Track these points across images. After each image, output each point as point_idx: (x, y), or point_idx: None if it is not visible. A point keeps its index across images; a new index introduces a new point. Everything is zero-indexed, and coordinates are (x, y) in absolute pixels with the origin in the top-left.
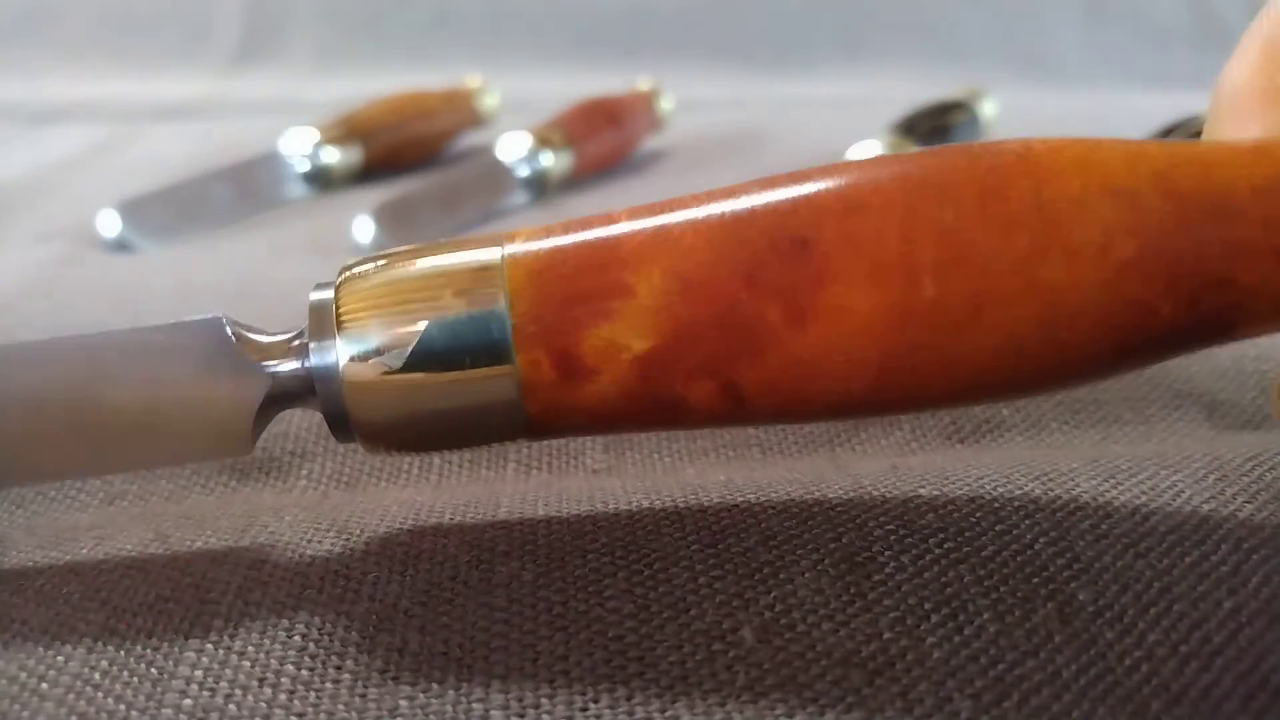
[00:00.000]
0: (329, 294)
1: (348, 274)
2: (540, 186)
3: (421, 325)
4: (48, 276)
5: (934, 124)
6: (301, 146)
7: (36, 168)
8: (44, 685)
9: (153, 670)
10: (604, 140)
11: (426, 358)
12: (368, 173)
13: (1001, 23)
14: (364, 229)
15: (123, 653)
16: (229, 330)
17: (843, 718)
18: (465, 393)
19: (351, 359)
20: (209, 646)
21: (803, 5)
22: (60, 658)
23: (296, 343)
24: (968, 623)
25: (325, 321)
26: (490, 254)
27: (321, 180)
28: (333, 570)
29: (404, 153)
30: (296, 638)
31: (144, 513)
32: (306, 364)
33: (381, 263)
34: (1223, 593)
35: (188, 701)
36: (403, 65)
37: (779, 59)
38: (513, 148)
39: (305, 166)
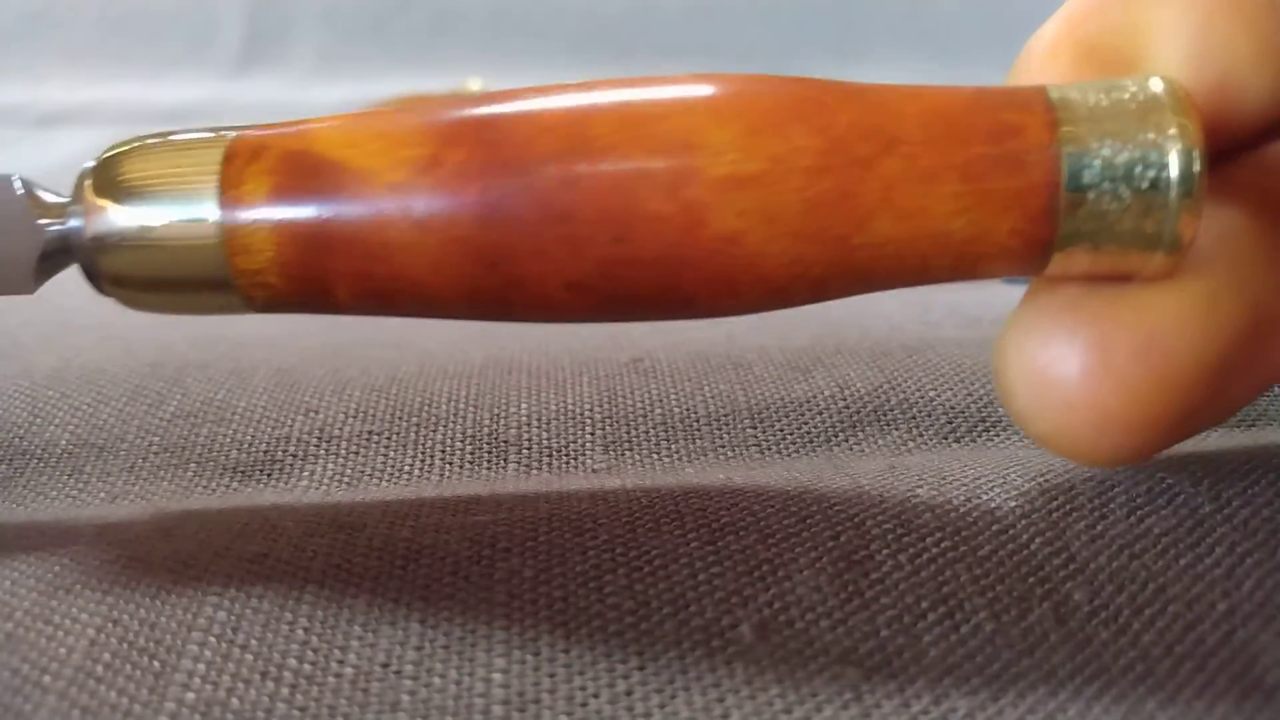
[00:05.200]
0: (91, 165)
1: (109, 151)
2: None
3: (147, 201)
4: (50, 278)
5: None
6: None
7: (41, 171)
8: (46, 678)
9: (155, 663)
10: None
11: (152, 228)
12: None
13: (998, 24)
14: None
15: (125, 645)
16: (19, 187)
17: (840, 714)
18: (183, 260)
19: (96, 223)
20: (212, 640)
21: (801, 6)
22: (62, 650)
23: (70, 207)
24: (964, 621)
25: (81, 190)
26: (217, 139)
27: None
28: (334, 565)
29: None
30: (299, 631)
31: (146, 509)
32: (67, 225)
33: (132, 144)
34: (1217, 594)
35: (190, 695)
36: (404, 69)
37: (777, 60)
38: None
39: None
